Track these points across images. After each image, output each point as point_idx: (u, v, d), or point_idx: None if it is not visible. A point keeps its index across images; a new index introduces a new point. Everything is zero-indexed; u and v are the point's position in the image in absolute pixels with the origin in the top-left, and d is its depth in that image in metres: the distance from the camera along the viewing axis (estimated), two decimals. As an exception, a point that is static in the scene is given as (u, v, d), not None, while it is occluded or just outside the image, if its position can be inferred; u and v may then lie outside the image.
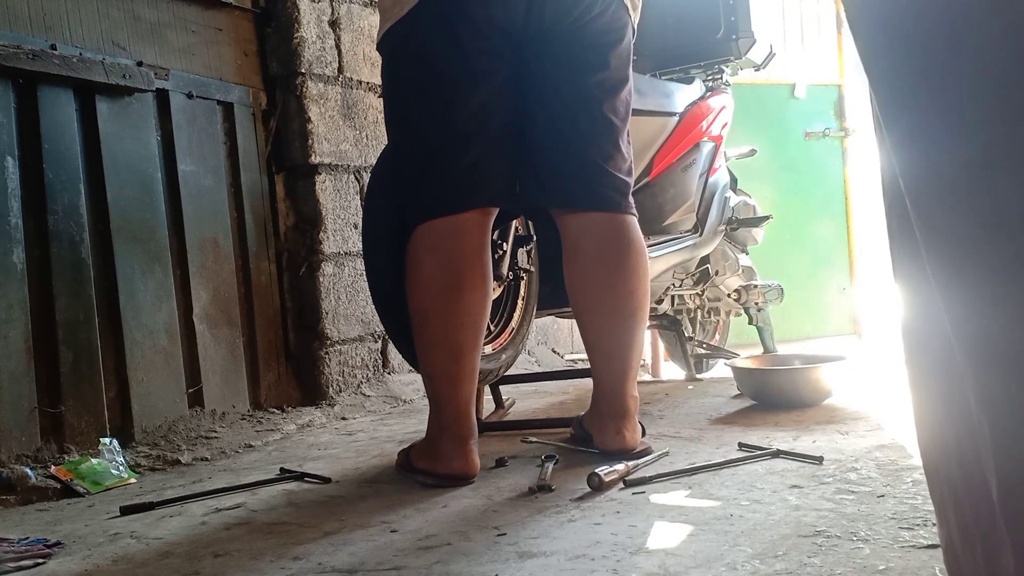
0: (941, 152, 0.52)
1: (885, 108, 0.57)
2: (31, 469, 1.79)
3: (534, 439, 1.96)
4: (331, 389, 2.68)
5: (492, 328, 2.08)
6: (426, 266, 1.59)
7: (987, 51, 0.49)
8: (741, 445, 1.73)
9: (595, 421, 1.76)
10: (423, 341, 1.62)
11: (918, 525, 1.17)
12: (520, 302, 2.15)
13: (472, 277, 1.59)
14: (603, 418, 1.73)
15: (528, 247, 2.12)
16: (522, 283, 2.14)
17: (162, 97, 2.32)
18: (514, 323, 2.13)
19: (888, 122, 0.57)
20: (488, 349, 1.99)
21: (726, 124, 2.97)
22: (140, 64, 2.23)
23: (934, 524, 1.13)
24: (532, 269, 2.15)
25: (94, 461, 1.85)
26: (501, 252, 1.96)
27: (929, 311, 0.58)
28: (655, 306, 2.84)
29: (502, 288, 2.06)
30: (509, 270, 2.02)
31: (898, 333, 0.65)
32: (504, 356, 2.06)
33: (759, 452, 1.66)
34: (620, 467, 1.54)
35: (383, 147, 1.89)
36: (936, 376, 0.60)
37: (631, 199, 1.73)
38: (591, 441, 1.76)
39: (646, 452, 1.70)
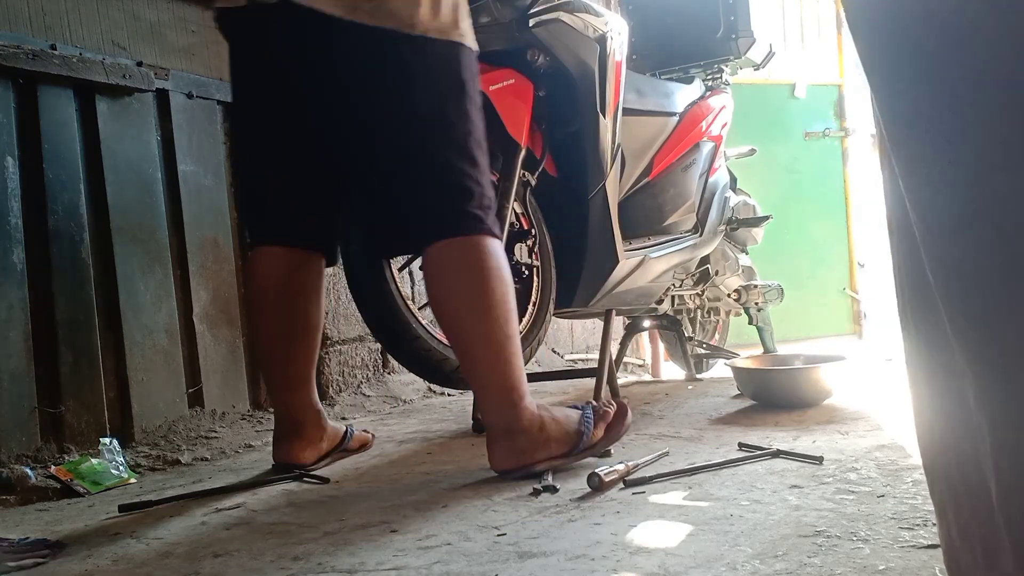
0: (940, 153, 0.52)
1: (884, 108, 0.57)
2: (31, 469, 1.79)
3: (534, 439, 1.95)
4: (331, 389, 2.68)
5: None
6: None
7: (987, 51, 0.49)
8: (741, 445, 1.73)
9: None
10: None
11: (918, 525, 1.17)
12: (531, 307, 2.13)
13: None
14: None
15: (529, 241, 2.10)
16: (534, 283, 2.11)
17: (162, 97, 2.32)
18: (521, 325, 2.10)
19: (888, 123, 0.57)
20: None
21: (726, 124, 2.97)
22: (140, 64, 2.23)
23: (934, 524, 1.13)
24: (537, 264, 2.12)
25: (94, 461, 1.85)
26: None
27: (929, 311, 0.58)
28: (655, 306, 2.84)
29: None
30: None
31: (898, 333, 0.65)
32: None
33: (759, 452, 1.66)
34: (620, 467, 1.54)
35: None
36: (936, 376, 0.60)
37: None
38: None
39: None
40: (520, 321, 2.12)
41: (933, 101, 0.52)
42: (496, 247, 1.62)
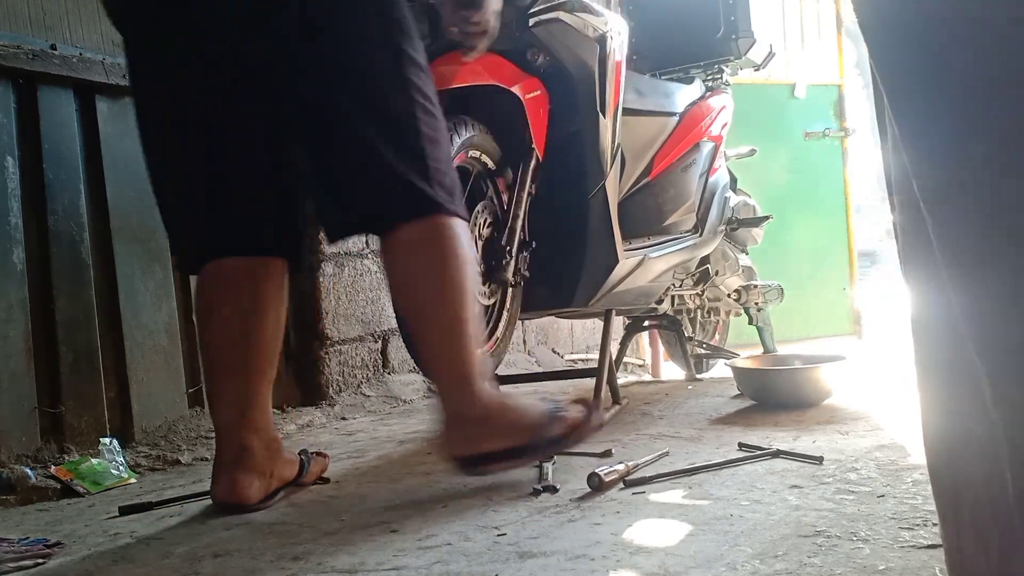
0: (952, 151, 0.52)
1: (896, 107, 0.57)
2: (31, 469, 1.79)
3: (534, 439, 1.95)
4: (331, 389, 2.68)
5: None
6: None
7: (995, 49, 0.49)
8: (741, 445, 1.73)
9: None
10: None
11: (918, 525, 1.17)
12: (505, 313, 2.14)
13: None
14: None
15: (526, 252, 2.11)
16: (508, 293, 2.11)
17: (162, 97, 2.32)
18: (499, 333, 2.12)
19: (899, 122, 0.57)
20: None
21: (726, 124, 2.97)
22: (140, 64, 2.23)
23: (934, 524, 1.13)
24: (528, 275, 2.12)
25: (94, 461, 1.85)
26: (508, 257, 1.96)
27: (941, 311, 0.58)
28: (655, 306, 2.84)
29: (495, 297, 2.05)
30: (514, 275, 2.00)
31: (908, 332, 0.65)
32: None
33: (759, 452, 1.66)
34: (620, 467, 1.54)
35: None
36: (947, 376, 0.59)
37: None
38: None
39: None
40: (498, 328, 2.10)
41: (944, 99, 0.52)
42: (452, 226, 1.48)
